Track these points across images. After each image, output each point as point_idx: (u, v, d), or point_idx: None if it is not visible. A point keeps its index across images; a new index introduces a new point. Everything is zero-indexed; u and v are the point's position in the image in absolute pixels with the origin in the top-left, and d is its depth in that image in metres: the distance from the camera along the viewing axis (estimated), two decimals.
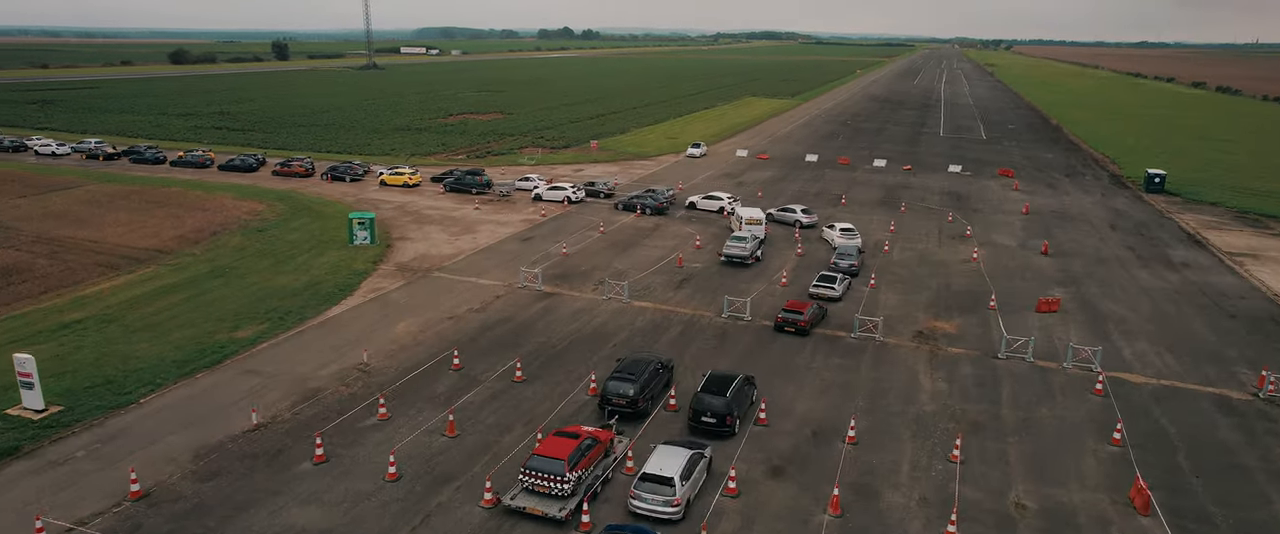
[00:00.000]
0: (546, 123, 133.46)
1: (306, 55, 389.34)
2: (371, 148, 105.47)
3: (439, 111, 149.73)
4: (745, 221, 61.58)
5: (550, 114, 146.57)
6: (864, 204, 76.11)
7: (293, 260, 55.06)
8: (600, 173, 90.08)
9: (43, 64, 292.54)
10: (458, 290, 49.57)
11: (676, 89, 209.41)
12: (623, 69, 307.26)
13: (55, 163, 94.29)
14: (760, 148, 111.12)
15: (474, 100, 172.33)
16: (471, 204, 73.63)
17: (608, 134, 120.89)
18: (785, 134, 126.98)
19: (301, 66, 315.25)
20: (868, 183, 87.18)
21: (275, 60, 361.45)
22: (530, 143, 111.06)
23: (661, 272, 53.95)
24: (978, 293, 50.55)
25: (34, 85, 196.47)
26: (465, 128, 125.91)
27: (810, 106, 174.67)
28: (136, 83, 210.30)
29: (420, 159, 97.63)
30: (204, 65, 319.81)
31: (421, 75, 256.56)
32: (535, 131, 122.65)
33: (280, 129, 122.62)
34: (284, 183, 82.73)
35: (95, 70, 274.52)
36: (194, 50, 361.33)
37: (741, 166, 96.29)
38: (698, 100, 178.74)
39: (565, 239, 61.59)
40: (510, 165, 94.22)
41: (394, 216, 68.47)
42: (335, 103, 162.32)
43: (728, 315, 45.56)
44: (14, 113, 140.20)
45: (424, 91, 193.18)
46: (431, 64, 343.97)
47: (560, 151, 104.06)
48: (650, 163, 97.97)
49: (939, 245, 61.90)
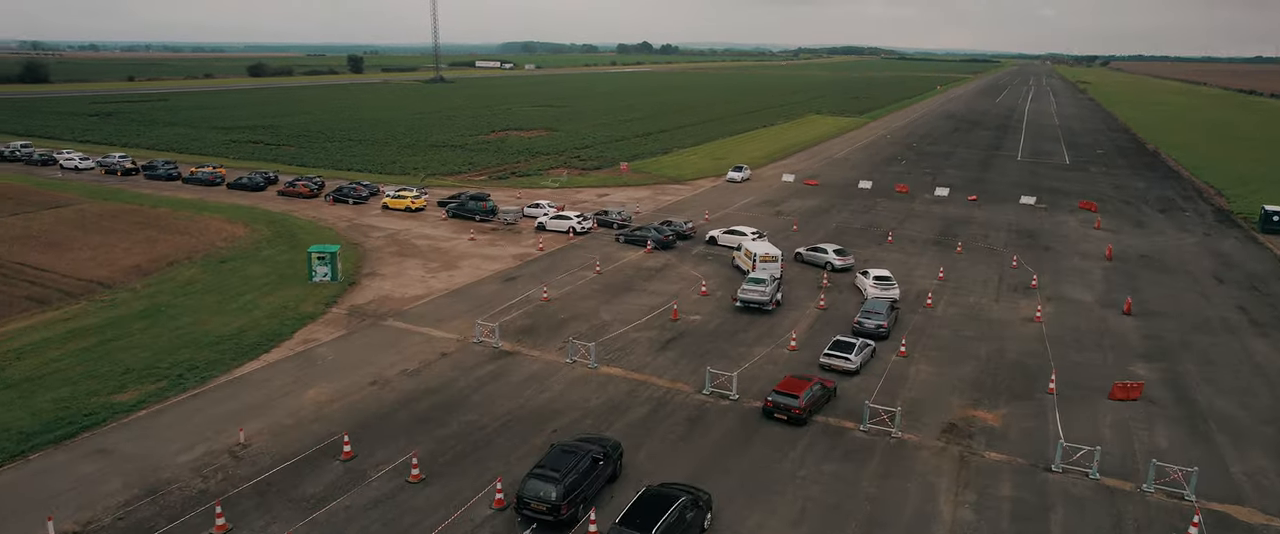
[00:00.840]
0: (591, 140, 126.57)
1: (381, 69, 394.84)
2: (397, 165, 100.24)
3: (485, 127, 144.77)
4: (759, 259, 52.81)
5: (598, 131, 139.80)
6: (914, 242, 65.92)
7: (239, 299, 48.80)
8: (624, 199, 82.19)
9: (129, 77, 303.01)
10: (402, 345, 42.25)
11: (738, 105, 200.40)
12: (690, 84, 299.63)
13: (74, 177, 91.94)
14: (811, 171, 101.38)
15: (526, 115, 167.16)
16: (469, 233, 66.70)
17: (650, 154, 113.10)
18: (842, 157, 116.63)
19: (373, 80, 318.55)
20: (924, 216, 76.66)
21: (350, 73, 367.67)
22: (563, 163, 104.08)
23: (651, 325, 45.54)
24: (1035, 368, 40.41)
25: (109, 97, 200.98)
26: (502, 145, 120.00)
27: (878, 125, 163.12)
28: (203, 96, 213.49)
29: (438, 179, 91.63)
30: (280, 77, 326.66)
31: (485, 89, 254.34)
32: (574, 150, 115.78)
33: (314, 144, 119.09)
34: (284, 204, 77.61)
35: (177, 82, 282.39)
36: (272, 63, 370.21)
37: (784, 193, 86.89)
38: (758, 117, 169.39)
39: (553, 279, 53.81)
40: (530, 189, 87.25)
41: (379, 247, 62.01)
42: (384, 117, 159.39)
43: (710, 391, 36.84)
44: (74, 124, 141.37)
45: (480, 106, 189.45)
46: (500, 78, 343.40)
47: (589, 173, 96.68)
48: (684, 188, 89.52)
49: (996, 298, 51.58)
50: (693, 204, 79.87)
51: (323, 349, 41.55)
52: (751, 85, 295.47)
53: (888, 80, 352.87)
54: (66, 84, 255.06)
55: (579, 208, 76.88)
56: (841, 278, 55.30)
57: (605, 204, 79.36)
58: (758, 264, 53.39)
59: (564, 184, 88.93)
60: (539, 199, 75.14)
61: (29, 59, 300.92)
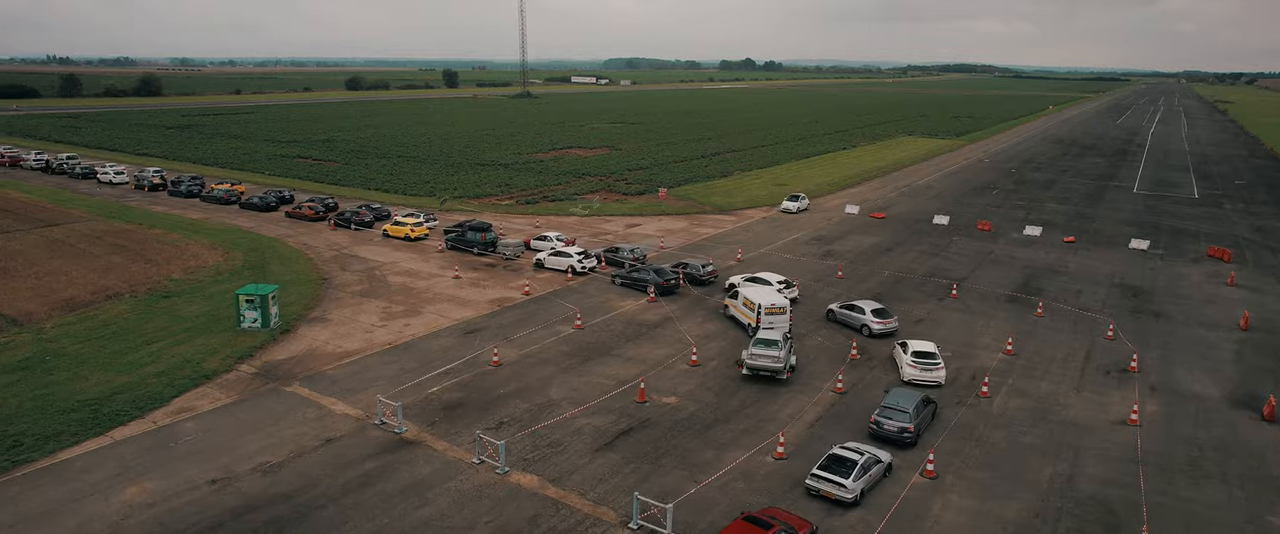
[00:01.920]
0: (650, 161, 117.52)
1: (476, 84, 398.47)
2: (430, 186, 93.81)
3: (546, 145, 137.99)
4: (765, 311, 42.42)
5: (663, 150, 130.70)
6: (985, 298, 53.50)
7: (144, 348, 41.79)
8: (656, 231, 72.51)
9: (236, 90, 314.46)
10: (288, 422, 33.92)
11: (826, 124, 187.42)
12: (781, 102, 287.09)
13: (103, 191, 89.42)
14: (882, 202, 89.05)
15: (596, 133, 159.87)
16: (459, 269, 58.49)
17: (706, 178, 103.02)
18: (924, 185, 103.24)
19: (464, 95, 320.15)
20: (1005, 261, 63.71)
21: (445, 88, 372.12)
22: (607, 185, 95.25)
23: (608, 408, 35.76)
24: (1121, 508, 28.44)
25: (201, 111, 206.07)
26: (553, 165, 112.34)
27: (974, 148, 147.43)
28: (287, 109, 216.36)
29: (462, 203, 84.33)
30: (375, 92, 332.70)
31: (568, 105, 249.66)
32: (627, 172, 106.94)
33: (360, 161, 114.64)
34: (287, 227, 71.70)
35: (278, 96, 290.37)
36: (369, 77, 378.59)
37: (843, 228, 75.21)
38: (843, 138, 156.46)
39: (520, 335, 44.72)
40: (556, 215, 78.68)
41: (346, 284, 54.48)
42: (449, 132, 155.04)
43: (636, 527, 26.77)
44: (146, 136, 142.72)
45: (553, 122, 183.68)
46: (589, 94, 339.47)
47: (628, 199, 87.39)
48: (728, 219, 79.04)
49: (1078, 386, 39.23)
50: (729, 240, 69.40)
51: (191, 424, 33.64)
52: (848, 104, 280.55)
53: (995, 99, 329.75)
54: (176, 97, 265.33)
55: (603, 240, 67.80)
56: (878, 346, 43.94)
57: (631, 236, 69.95)
58: (762, 317, 42.96)
59: (593, 211, 79.99)
60: (550, 231, 66.29)
61: (145, 74, 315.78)
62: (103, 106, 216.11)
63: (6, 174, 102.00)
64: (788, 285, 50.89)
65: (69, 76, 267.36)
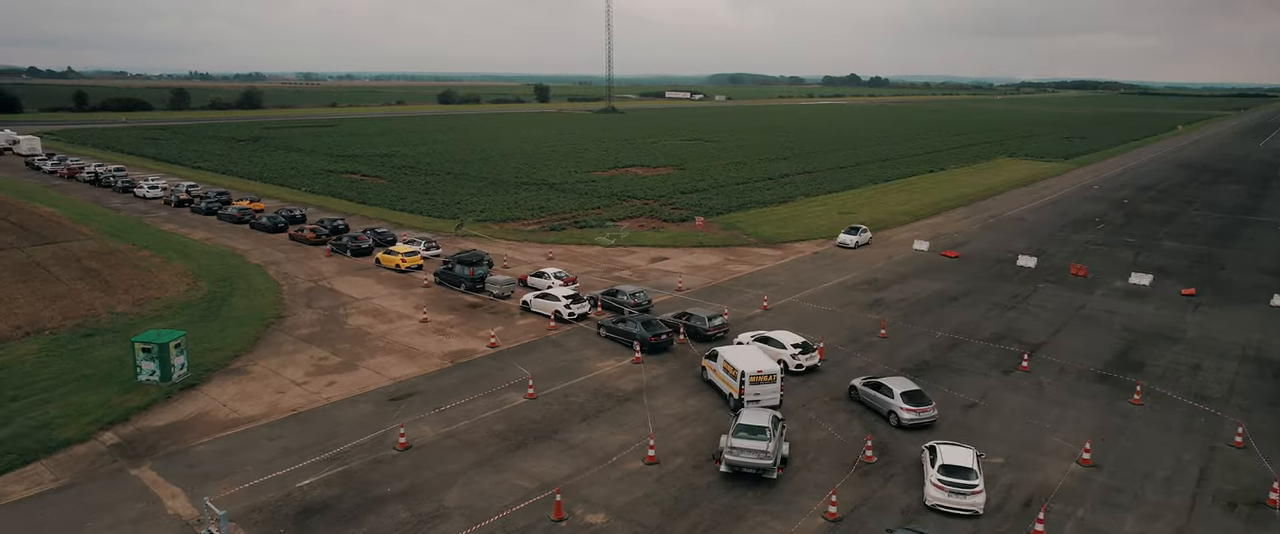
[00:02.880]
0: (710, 182, 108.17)
1: (568, 98, 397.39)
2: (465, 205, 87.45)
3: (609, 162, 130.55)
4: (749, 379, 33.07)
5: (730, 170, 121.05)
6: (1065, 374, 41.76)
7: (12, 405, 35.57)
8: (683, 266, 63.22)
9: (332, 103, 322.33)
10: (99, 523, 26.54)
11: (918, 144, 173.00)
12: (877, 118, 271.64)
13: (131, 206, 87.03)
14: (959, 237, 76.82)
15: (666, 150, 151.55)
16: (435, 308, 50.87)
17: (765, 202, 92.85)
18: (1014, 216, 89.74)
19: (549, 109, 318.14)
20: (1101, 320, 51.25)
21: (535, 102, 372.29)
22: (649, 210, 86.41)
23: (509, 528, 26.85)
24: None
25: (275, 123, 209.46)
26: (601, 185, 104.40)
27: (1083, 173, 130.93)
28: (368, 122, 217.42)
29: (480, 228, 77.22)
30: (466, 106, 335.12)
31: (651, 120, 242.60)
32: (679, 194, 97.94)
33: (407, 178, 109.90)
34: (281, 251, 66.20)
35: (371, 109, 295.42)
36: (461, 92, 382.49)
37: (904, 269, 63.88)
38: (935, 159, 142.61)
39: (453, 405, 36.43)
40: (578, 245, 70.40)
41: (301, 323, 47.65)
42: (513, 148, 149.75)
43: None
44: (214, 148, 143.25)
45: (627, 138, 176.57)
46: (678, 109, 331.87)
47: (665, 226, 78.22)
48: (773, 253, 68.85)
49: (1183, 528, 27.70)
50: (762, 281, 59.35)
51: None
52: (949, 122, 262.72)
53: (1115, 117, 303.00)
54: (273, 110, 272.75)
55: (620, 277, 59.11)
56: (907, 443, 33.36)
57: (652, 273, 60.94)
58: (746, 387, 33.48)
59: (619, 242, 71.24)
60: (551, 267, 57.86)
61: (248, 88, 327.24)
62: (198, 119, 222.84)
63: (57, 185, 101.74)
64: (805, 349, 40.74)
65: (179, 90, 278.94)
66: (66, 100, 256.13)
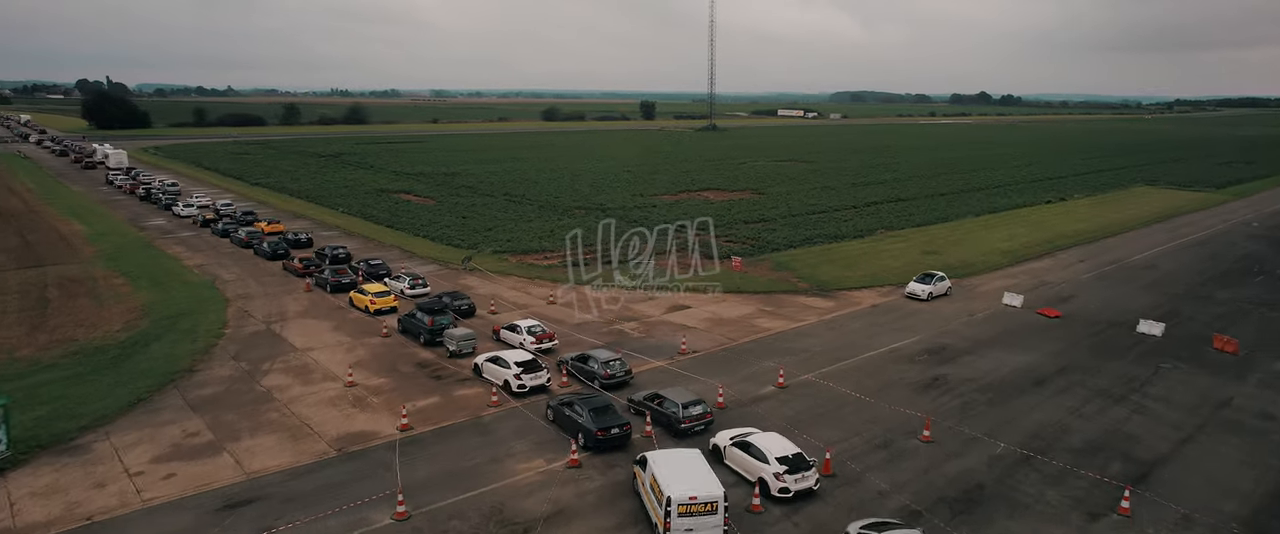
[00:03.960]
0: (785, 210, 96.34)
1: (674, 116, 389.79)
2: (499, 232, 79.47)
3: (684, 184, 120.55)
4: (677, 509, 23.16)
5: (815, 197, 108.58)
6: (1187, 530, 28.30)
7: None
8: (698, 321, 52.21)
9: (433, 119, 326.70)
10: None
11: (1039, 168, 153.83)
12: (998, 139, 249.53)
13: (159, 225, 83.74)
14: (1069, 286, 62.10)
15: (753, 171, 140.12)
16: (370, 368, 42.11)
17: (837, 237, 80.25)
18: (1143, 261, 73.24)
19: (650, 126, 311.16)
20: (1254, 431, 36.72)
21: (641, 119, 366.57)
22: (697, 244, 75.56)
23: None
24: None
25: (365, 138, 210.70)
26: (663, 212, 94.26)
27: (1239, 206, 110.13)
28: (457, 139, 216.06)
29: (497, 261, 68.54)
30: (568, 122, 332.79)
31: (752, 139, 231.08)
32: (743, 223, 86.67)
33: (460, 199, 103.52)
34: (263, 283, 59.59)
35: (472, 125, 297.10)
36: (565, 108, 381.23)
37: (984, 332, 50.46)
38: (1054, 186, 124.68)
39: (300, 521, 27.06)
40: (596, 289, 60.46)
41: (209, 380, 39.87)
42: (589, 168, 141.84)
43: None
44: (287, 165, 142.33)
45: (716, 158, 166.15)
46: (786, 127, 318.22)
47: (707, 264, 67.05)
48: (823, 304, 56.68)
49: None
50: (793, 345, 47.58)
51: None
52: (1081, 143, 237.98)
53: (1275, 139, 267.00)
54: (377, 126, 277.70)
55: (629, 326, 48.84)
56: None
57: (665, 325, 50.31)
58: (672, 520, 23.03)
59: (643, 284, 60.75)
60: (516, 322, 47.71)
61: (353, 104, 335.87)
62: (299, 134, 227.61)
63: (113, 200, 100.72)
64: (797, 466, 29.14)
65: (290, 106, 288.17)
66: (189, 116, 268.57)
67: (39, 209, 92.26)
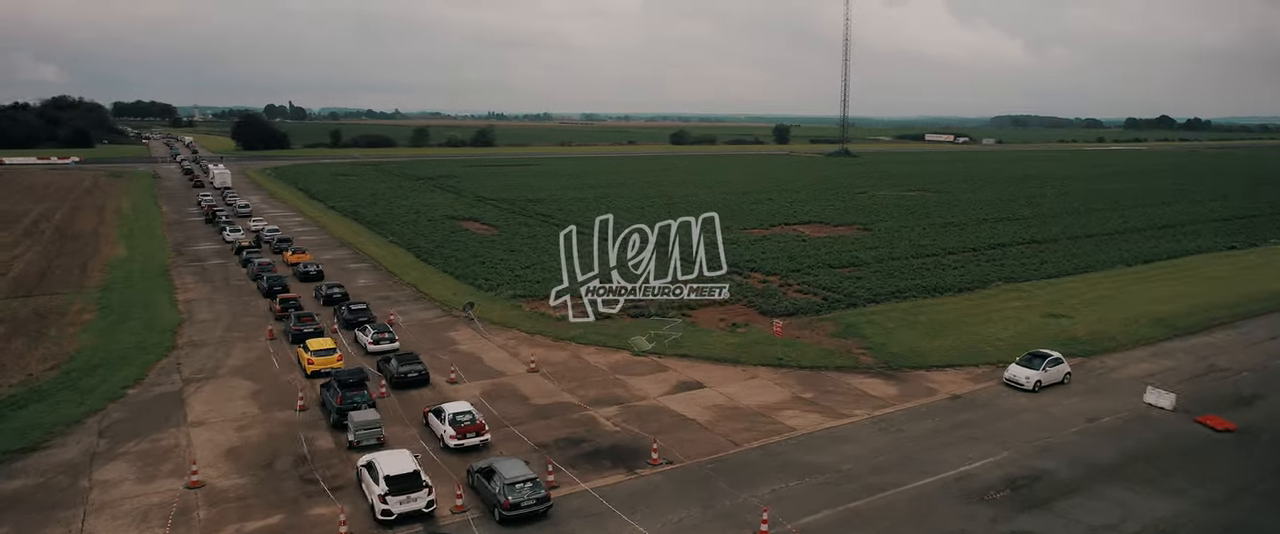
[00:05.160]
0: (888, 251, 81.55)
1: (809, 139, 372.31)
2: (538, 270, 69.90)
3: (785, 215, 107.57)
4: None
5: (928, 234, 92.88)
6: None
7: None
8: (703, 407, 39.82)
9: (562, 142, 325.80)
10: None
11: (1222, 206, 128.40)
12: (1179, 167, 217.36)
13: (203, 250, 79.84)
14: (1249, 379, 44.77)
15: (871, 202, 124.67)
16: (251, 456, 32.76)
17: (937, 290, 65.09)
18: None
19: (779, 151, 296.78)
20: None
21: (774, 143, 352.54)
22: (762, 294, 62.76)
23: None
24: None
25: (473, 161, 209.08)
26: (745, 249, 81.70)
27: None
28: (567, 163, 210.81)
29: (504, 305, 58.57)
30: (698, 146, 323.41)
31: (884, 166, 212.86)
32: (827, 267, 72.83)
33: (529, 227, 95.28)
34: (230, 328, 52.25)
35: (599, 148, 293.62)
36: (695, 132, 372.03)
37: (1106, 453, 35.10)
38: (1240, 229, 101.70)
39: None
40: (604, 347, 49.17)
41: (23, 471, 31.57)
42: (687, 195, 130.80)
43: None
44: (378, 187, 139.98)
45: (836, 186, 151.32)
46: (928, 153, 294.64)
47: (756, 320, 54.06)
48: (883, 392, 42.70)
49: None
50: (812, 460, 34.34)
51: None
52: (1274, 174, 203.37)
53: None
54: (505, 148, 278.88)
55: (582, 420, 37.52)
56: None
57: (650, 416, 38.40)
58: None
59: (660, 347, 48.74)
60: (455, 403, 36.91)
61: (486, 126, 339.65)
62: (421, 155, 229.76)
63: (183, 221, 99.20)
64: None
65: (419, 129, 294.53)
66: (326, 137, 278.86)
67: (103, 231, 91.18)
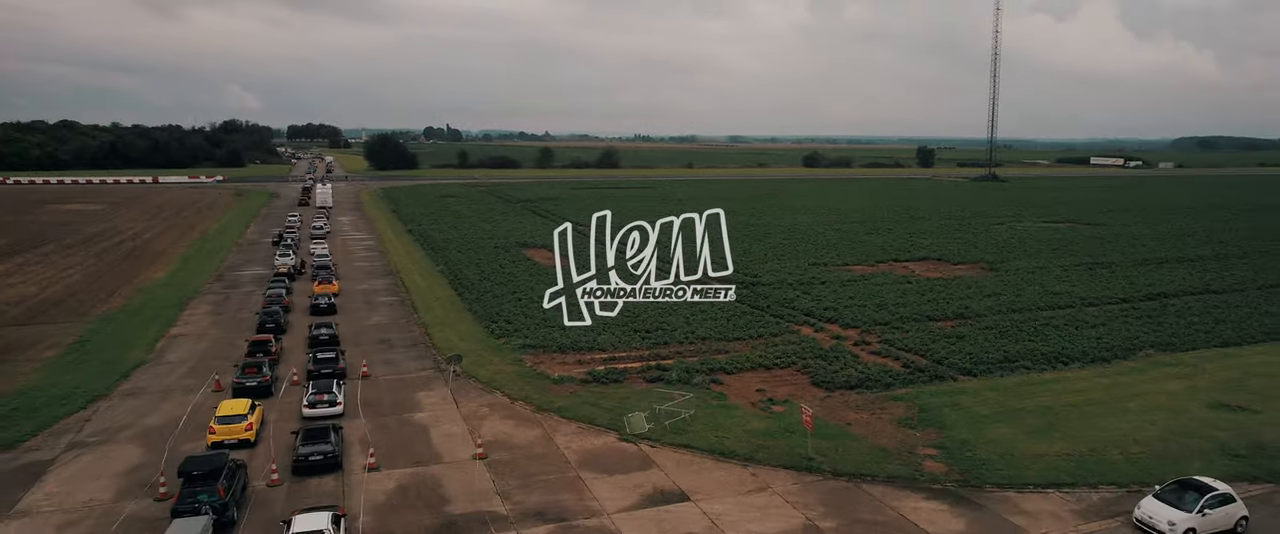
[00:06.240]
0: (1010, 302, 66.77)
1: (957, 162, 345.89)
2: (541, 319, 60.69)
3: (891, 251, 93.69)
4: None
5: (1072, 280, 76.73)
6: None
7: None
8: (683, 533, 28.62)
9: (688, 164, 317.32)
10: None
11: None
12: None
13: (247, 276, 76.14)
14: None
15: (1000, 236, 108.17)
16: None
17: (1062, 358, 50.52)
18: None
19: (921, 174, 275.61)
20: None
21: (917, 166, 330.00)
22: (818, 357, 50.58)
23: None
24: None
25: (587, 184, 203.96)
26: (833, 290, 69.49)
27: None
28: (680, 185, 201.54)
29: (507, 357, 49.33)
30: (834, 169, 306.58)
31: (1032, 193, 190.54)
32: (911, 322, 59.52)
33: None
34: (193, 374, 45.93)
35: (726, 171, 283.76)
36: (830, 154, 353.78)
37: None
38: None
39: None
40: (598, 429, 38.94)
41: None
42: (787, 223, 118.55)
43: None
44: (477, 210, 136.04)
45: (966, 216, 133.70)
46: (1085, 179, 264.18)
47: (795, 396, 42.09)
48: (948, 529, 29.99)
49: None
50: None
51: None
52: None
53: None
54: (628, 170, 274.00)
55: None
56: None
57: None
58: None
59: (649, 435, 37.81)
60: (323, 509, 27.69)
61: (607, 148, 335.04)
62: (538, 177, 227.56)
63: (250, 243, 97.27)
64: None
65: (544, 150, 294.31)
66: (454, 158, 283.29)
67: (170, 252, 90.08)
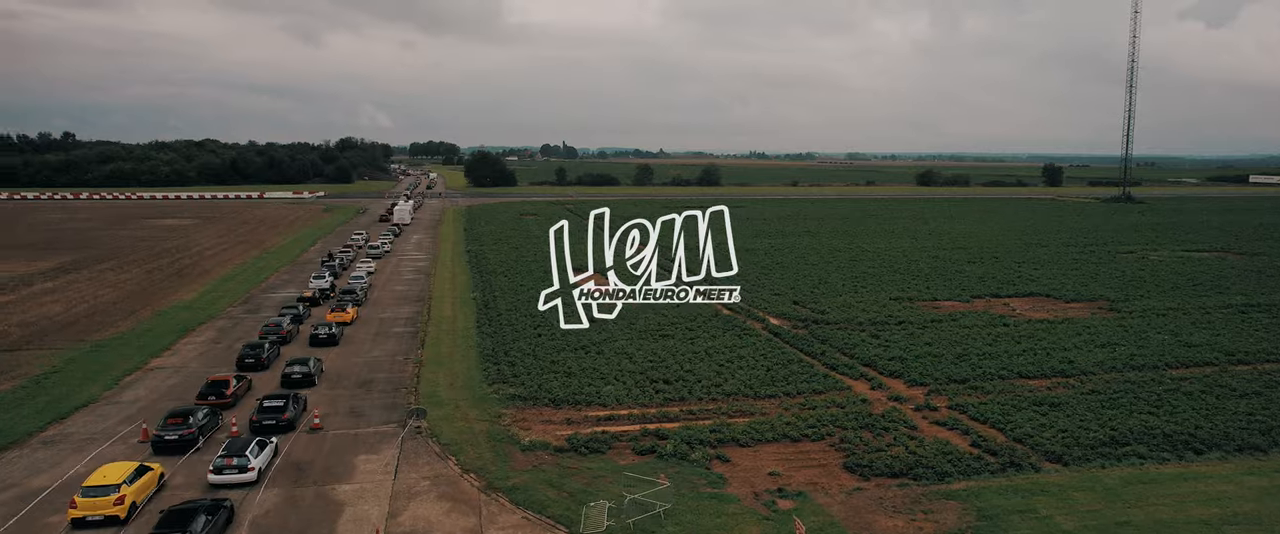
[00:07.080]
0: (1139, 357, 54.75)
1: (1088, 181, 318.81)
2: (586, 357, 53.43)
3: (1002, 282, 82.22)
4: None
5: (1219, 326, 63.59)
6: None
7: None
8: None
9: (794, 182, 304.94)
10: None
11: None
12: None
13: (267, 300, 72.84)
14: None
15: (1138, 266, 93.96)
16: None
17: (1200, 445, 38.96)
18: None
19: (1045, 194, 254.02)
20: None
21: (1044, 185, 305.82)
22: (868, 425, 40.91)
23: None
24: None
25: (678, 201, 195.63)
26: (911, 329, 59.38)
27: None
28: (773, 205, 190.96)
29: (485, 412, 42.13)
30: (950, 188, 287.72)
31: (1173, 216, 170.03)
32: (1001, 380, 48.79)
33: None
34: (114, 419, 41.15)
35: (834, 188, 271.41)
36: (946, 172, 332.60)
37: None
38: None
39: None
40: (556, 515, 31.08)
41: None
42: (879, 249, 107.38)
43: None
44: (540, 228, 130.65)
45: (1093, 244, 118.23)
46: (1237, 199, 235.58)
47: (797, 475, 32.73)
48: None
49: None
50: None
51: None
52: None
53: None
54: (730, 188, 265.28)
55: None
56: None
57: None
58: None
59: (604, 533, 29.49)
60: None
61: (708, 165, 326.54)
62: (634, 195, 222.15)
63: (298, 262, 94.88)
64: None
65: (644, 167, 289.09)
66: (552, 175, 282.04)
67: (215, 268, 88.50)
